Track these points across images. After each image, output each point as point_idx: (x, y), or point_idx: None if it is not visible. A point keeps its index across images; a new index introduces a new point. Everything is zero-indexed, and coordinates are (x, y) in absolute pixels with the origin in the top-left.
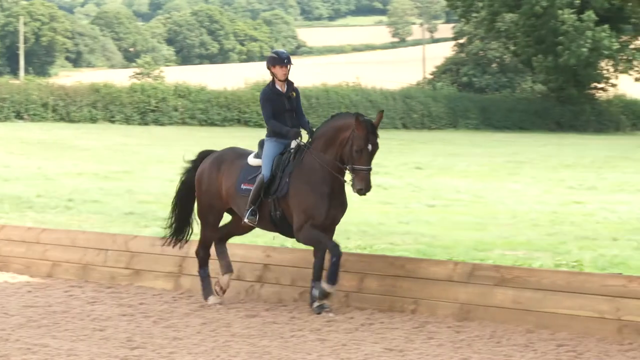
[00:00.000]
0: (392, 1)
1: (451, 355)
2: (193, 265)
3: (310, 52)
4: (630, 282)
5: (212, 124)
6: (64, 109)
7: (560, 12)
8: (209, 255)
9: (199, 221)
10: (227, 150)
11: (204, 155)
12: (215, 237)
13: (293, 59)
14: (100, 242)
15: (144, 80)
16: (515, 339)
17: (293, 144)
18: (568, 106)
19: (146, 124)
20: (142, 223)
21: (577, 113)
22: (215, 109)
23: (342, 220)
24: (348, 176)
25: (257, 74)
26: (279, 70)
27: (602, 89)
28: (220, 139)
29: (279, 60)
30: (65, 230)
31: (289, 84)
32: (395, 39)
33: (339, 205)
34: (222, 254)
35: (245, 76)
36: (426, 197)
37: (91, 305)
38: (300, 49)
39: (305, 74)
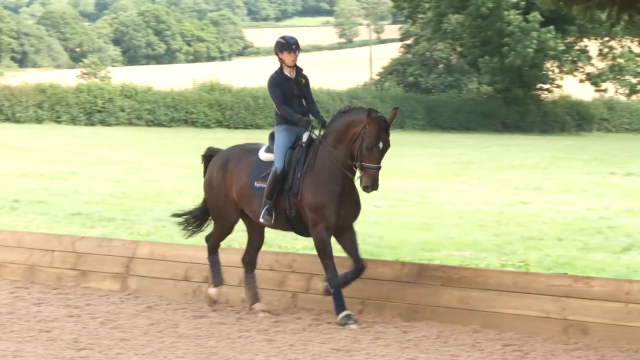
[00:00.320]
0: (339, 2)
1: (398, 355)
2: (140, 266)
3: (258, 52)
4: (575, 282)
5: (159, 124)
6: (10, 110)
7: (506, 13)
8: (218, 245)
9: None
10: (234, 148)
11: (210, 154)
12: (225, 237)
13: (240, 59)
14: (47, 243)
15: (90, 81)
16: (462, 338)
17: (305, 136)
18: (514, 107)
19: (93, 124)
20: (88, 224)
21: (523, 114)
22: (162, 110)
23: None
24: (358, 173)
25: (205, 74)
26: (287, 56)
27: (547, 89)
28: (167, 139)
29: (287, 46)
30: (11, 231)
31: (298, 70)
32: (342, 40)
33: (352, 205)
34: (250, 284)
35: (193, 76)
36: (373, 197)
37: (37, 306)
38: (247, 50)
39: (252, 75)
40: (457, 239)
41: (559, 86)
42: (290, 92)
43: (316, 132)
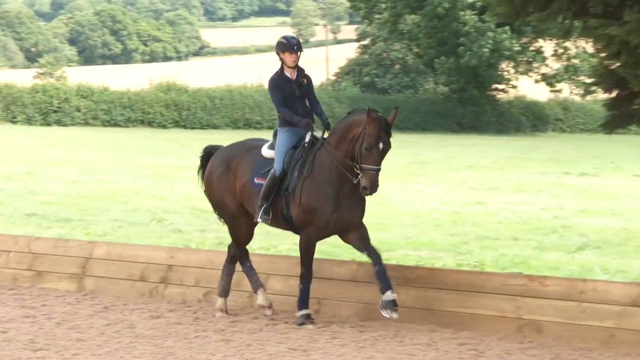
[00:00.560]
0: (295, 2)
1: (355, 354)
2: (97, 267)
3: (214, 52)
4: (530, 282)
5: (116, 124)
6: None
7: (462, 13)
8: (245, 252)
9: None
10: (235, 145)
11: (209, 152)
12: (249, 238)
13: (196, 59)
14: (2, 243)
15: (46, 81)
16: (418, 338)
17: (307, 137)
18: (469, 107)
19: (48, 124)
20: (44, 224)
21: (479, 114)
22: (118, 110)
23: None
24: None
25: (161, 74)
26: (288, 57)
27: (503, 90)
28: (124, 140)
29: (289, 47)
30: None
31: (300, 70)
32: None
33: (351, 206)
34: (228, 277)
35: (149, 76)
36: None
37: None
38: (204, 50)
39: (208, 75)
40: (413, 238)
41: (514, 86)
42: (292, 94)
43: (319, 133)
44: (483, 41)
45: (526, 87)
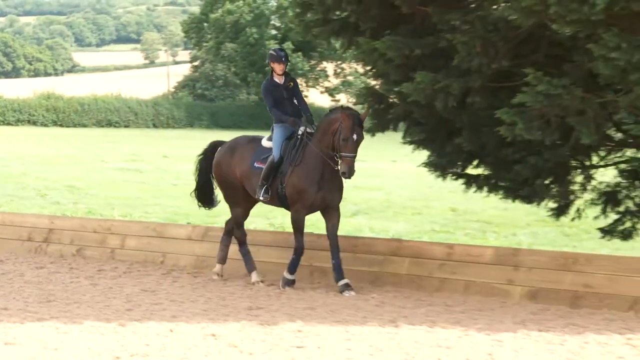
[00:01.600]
0: (144, 33)
1: (190, 293)
2: None
3: (83, 70)
4: (318, 238)
5: (8, 124)
6: None
7: (267, 42)
8: (245, 234)
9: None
10: (240, 138)
11: (215, 145)
12: (245, 214)
13: (69, 75)
14: None
15: None
16: (235, 280)
17: (300, 130)
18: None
19: None
20: None
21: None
22: (10, 113)
23: (109, 193)
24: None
25: (43, 86)
26: (276, 66)
27: None
28: (15, 135)
29: (277, 58)
30: None
31: (286, 75)
32: (147, 61)
33: (333, 189)
34: (225, 247)
35: (34, 88)
36: (171, 178)
37: None
38: (75, 68)
39: (79, 87)
40: None
41: (305, 96)
42: (280, 96)
43: (309, 129)
44: None
45: (314, 97)
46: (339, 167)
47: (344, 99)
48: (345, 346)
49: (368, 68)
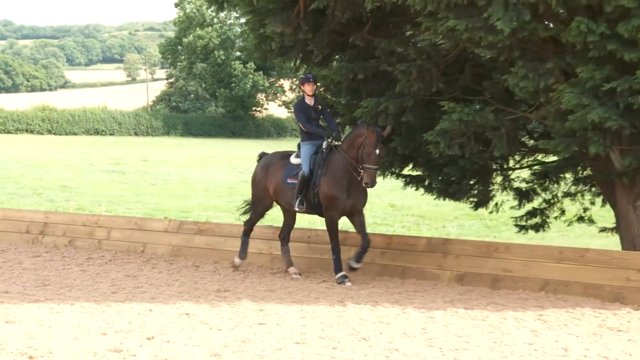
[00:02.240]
0: (127, 55)
1: (167, 278)
2: None
3: (74, 86)
4: (277, 230)
5: (8, 132)
6: None
7: (233, 62)
8: (251, 229)
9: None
10: (274, 154)
11: (261, 155)
12: (258, 220)
13: (61, 91)
14: None
15: None
16: (205, 267)
17: (324, 144)
18: (238, 121)
19: None
20: None
21: (244, 126)
22: (10, 123)
23: (96, 192)
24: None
25: (39, 100)
26: (307, 87)
27: (259, 111)
28: (15, 142)
29: (306, 79)
30: None
31: (316, 99)
32: (129, 78)
33: (359, 195)
34: (286, 253)
35: (31, 101)
36: (150, 178)
37: None
38: (67, 84)
39: (71, 101)
40: (204, 204)
41: (266, 109)
42: (310, 116)
43: (332, 142)
44: (246, 80)
45: (273, 109)
46: (362, 177)
47: None
48: (300, 323)
49: (318, 85)
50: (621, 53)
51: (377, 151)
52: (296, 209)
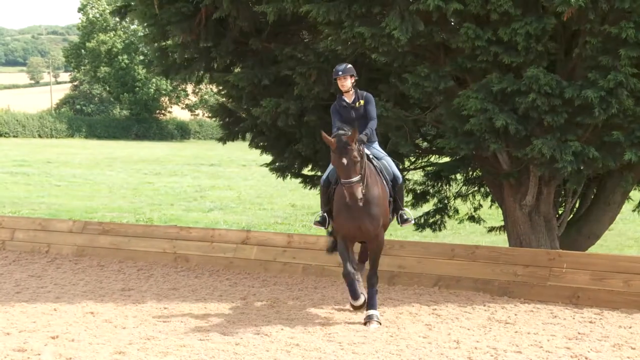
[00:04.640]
0: (30, 58)
1: (71, 277)
2: None
3: None
4: (180, 230)
5: None
6: None
7: (136, 67)
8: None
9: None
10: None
11: None
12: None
13: None
14: None
15: None
16: (110, 266)
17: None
18: (143, 124)
19: None
20: None
21: (148, 128)
22: None
23: (0, 193)
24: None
25: None
26: (338, 82)
27: (163, 113)
28: None
29: (335, 73)
30: None
31: (358, 94)
32: (33, 81)
33: (362, 217)
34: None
35: None
36: (55, 180)
37: None
38: None
39: None
40: (108, 205)
41: (170, 112)
42: (348, 117)
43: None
44: (150, 84)
45: (177, 112)
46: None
47: (202, 114)
48: (203, 320)
49: (221, 89)
50: (503, 57)
51: (344, 161)
52: (313, 226)
